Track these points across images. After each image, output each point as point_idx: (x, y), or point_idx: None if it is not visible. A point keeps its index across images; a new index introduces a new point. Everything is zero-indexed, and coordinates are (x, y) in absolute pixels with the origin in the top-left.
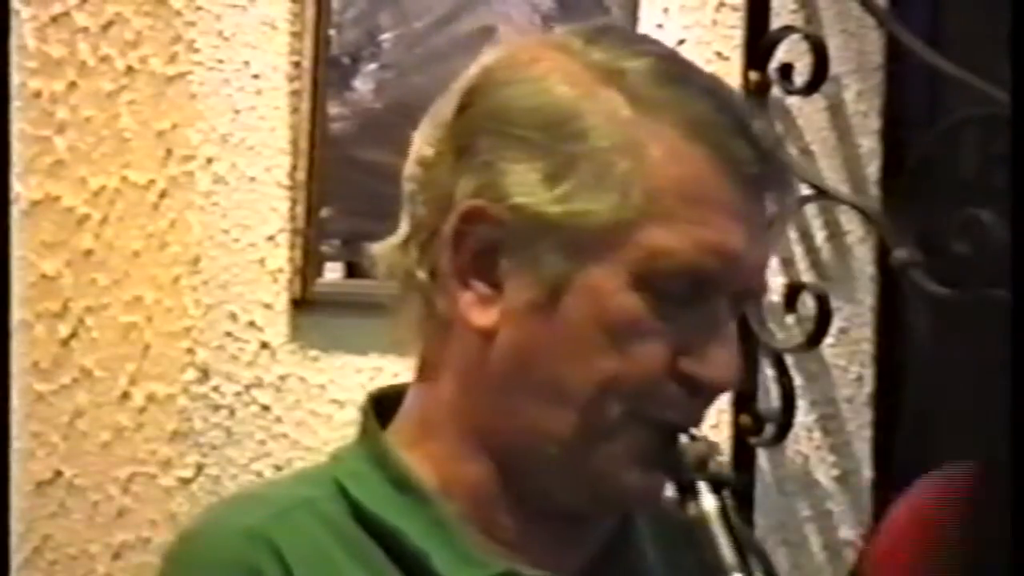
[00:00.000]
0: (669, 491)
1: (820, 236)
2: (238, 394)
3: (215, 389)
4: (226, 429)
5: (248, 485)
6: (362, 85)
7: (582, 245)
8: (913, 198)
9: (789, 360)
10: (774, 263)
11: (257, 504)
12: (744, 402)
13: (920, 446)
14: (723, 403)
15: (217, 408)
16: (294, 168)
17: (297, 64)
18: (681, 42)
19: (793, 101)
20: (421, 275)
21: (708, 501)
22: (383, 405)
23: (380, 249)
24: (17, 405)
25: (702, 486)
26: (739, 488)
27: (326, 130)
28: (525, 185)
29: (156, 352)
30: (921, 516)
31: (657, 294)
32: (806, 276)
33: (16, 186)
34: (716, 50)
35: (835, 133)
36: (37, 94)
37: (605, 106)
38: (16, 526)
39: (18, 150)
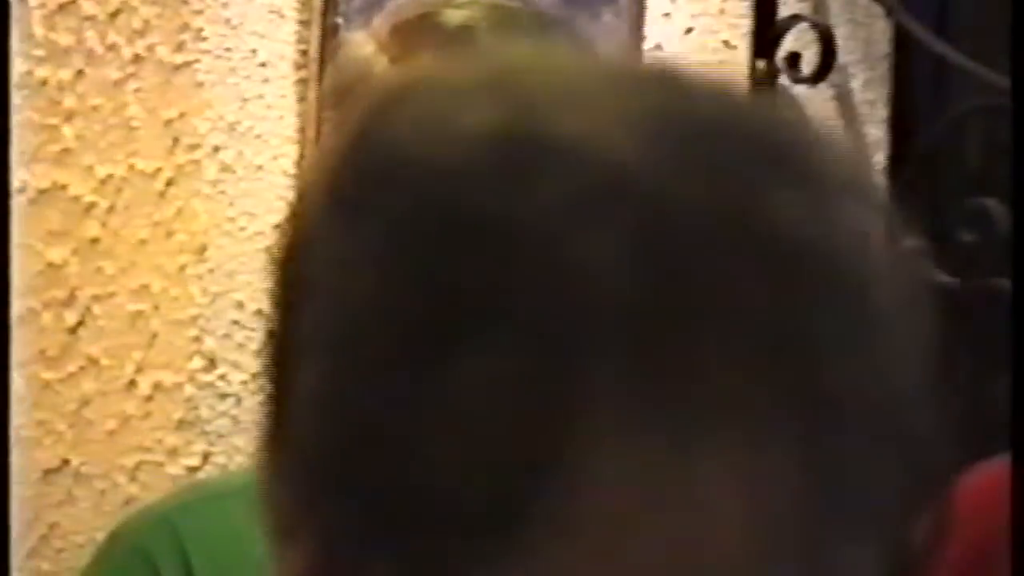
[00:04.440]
0: None
1: None
2: (245, 382)
3: (222, 377)
4: (233, 417)
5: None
6: None
7: None
8: (920, 187)
9: None
10: None
11: (190, 492)
12: None
13: None
14: None
15: (224, 396)
16: (301, 157)
17: (304, 52)
18: (689, 31)
19: (800, 90)
20: None
21: None
22: None
23: None
24: (24, 393)
25: None
26: None
27: None
28: None
29: (163, 340)
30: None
31: None
32: None
33: (23, 174)
34: (723, 39)
35: (842, 122)
36: (44, 82)
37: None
38: (24, 514)
39: (25, 138)
